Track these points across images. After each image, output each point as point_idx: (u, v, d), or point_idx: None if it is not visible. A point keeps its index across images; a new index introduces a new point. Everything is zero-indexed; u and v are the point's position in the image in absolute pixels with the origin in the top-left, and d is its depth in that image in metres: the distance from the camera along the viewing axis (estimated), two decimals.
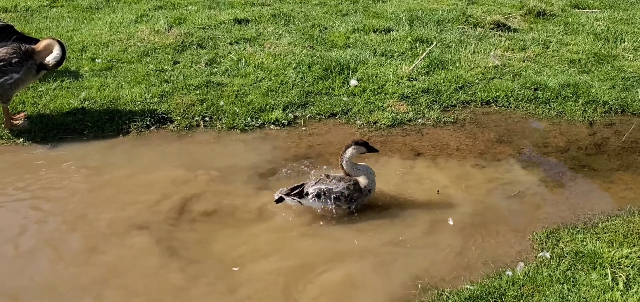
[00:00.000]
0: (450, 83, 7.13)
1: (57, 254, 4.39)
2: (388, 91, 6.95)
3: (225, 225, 4.76)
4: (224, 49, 8.09)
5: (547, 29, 9.23)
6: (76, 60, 7.65)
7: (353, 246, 4.54)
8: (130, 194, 5.10)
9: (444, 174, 5.51)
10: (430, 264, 4.38)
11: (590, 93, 6.97)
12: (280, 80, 7.17)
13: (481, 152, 5.90)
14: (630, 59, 8.06)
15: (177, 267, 4.29)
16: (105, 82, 7.04)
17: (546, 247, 4.48)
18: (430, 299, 4.03)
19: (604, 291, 3.92)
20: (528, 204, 5.12)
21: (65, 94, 6.72)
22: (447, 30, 8.97)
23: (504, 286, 4.03)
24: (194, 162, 5.60)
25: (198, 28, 8.77)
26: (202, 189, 5.18)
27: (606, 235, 4.54)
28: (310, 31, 8.80)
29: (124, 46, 8.11)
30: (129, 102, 6.55)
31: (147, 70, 7.35)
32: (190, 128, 6.23)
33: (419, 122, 6.43)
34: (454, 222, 4.83)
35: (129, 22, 9.08)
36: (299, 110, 6.59)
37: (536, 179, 5.46)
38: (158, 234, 4.60)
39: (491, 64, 7.73)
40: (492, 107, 6.80)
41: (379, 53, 8.01)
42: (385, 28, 8.94)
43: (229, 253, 4.45)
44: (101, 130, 6.12)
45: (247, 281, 4.19)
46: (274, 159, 5.67)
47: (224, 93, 6.83)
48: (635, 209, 4.96)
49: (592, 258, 4.23)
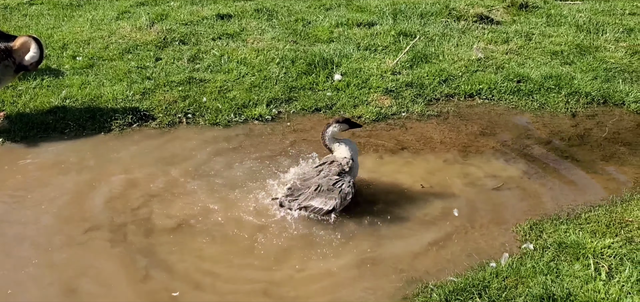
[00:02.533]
0: (433, 76, 7.13)
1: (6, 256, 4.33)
2: (372, 85, 6.93)
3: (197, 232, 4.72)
4: (207, 44, 8.03)
5: (529, 21, 9.27)
6: (57, 58, 7.55)
7: (335, 241, 4.53)
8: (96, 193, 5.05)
9: (427, 168, 5.51)
10: (414, 257, 4.38)
11: (573, 84, 7.01)
12: (263, 75, 7.13)
13: (465, 145, 5.91)
14: (611, 50, 8.12)
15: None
16: (87, 80, 6.96)
17: (530, 238, 4.49)
18: (414, 292, 4.02)
19: (587, 282, 3.94)
20: (511, 196, 5.13)
21: (45, 92, 6.63)
22: (430, 23, 8.98)
23: (488, 278, 4.04)
24: (171, 160, 5.55)
25: (180, 24, 8.69)
26: (172, 189, 5.13)
27: (589, 226, 4.56)
28: (294, 26, 8.76)
29: (105, 43, 8.02)
30: (111, 100, 6.48)
31: (128, 68, 7.27)
32: (173, 125, 6.18)
33: (403, 116, 6.43)
34: (437, 215, 4.84)
35: (111, 19, 8.99)
36: (282, 106, 6.55)
37: (519, 171, 5.48)
38: (118, 238, 4.53)
39: (474, 56, 7.74)
40: (476, 100, 6.82)
41: (362, 47, 8.00)
42: (369, 22, 8.92)
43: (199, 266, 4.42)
44: (82, 128, 6.04)
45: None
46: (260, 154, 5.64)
47: (206, 89, 6.78)
48: (617, 200, 4.99)
49: (575, 249, 4.25)
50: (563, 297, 3.79)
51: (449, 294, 3.93)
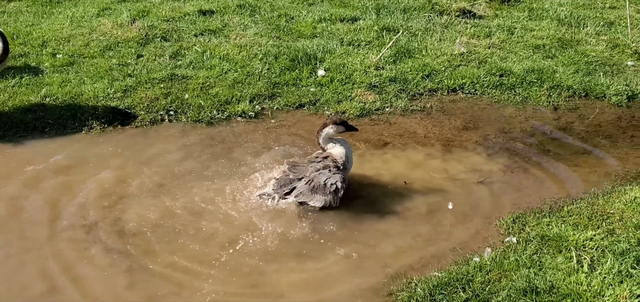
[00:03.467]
0: (417, 71, 7.14)
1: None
2: (356, 81, 6.92)
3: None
4: (189, 41, 7.96)
5: (512, 15, 9.31)
6: (36, 56, 7.44)
7: (320, 237, 4.51)
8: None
9: (411, 163, 5.52)
10: (398, 252, 4.38)
11: (555, 78, 7.05)
12: (246, 71, 7.09)
13: (448, 139, 5.93)
14: (592, 44, 8.19)
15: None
16: (67, 78, 6.86)
17: (513, 232, 4.52)
18: (399, 287, 4.03)
19: (570, 274, 3.96)
20: (494, 189, 5.16)
21: (24, 90, 6.53)
22: (413, 18, 8.98)
23: (472, 272, 4.06)
24: (153, 158, 5.50)
25: (162, 20, 8.60)
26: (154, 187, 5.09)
27: (571, 218, 4.60)
28: (277, 21, 8.72)
29: (85, 41, 7.91)
30: (92, 97, 6.40)
31: (110, 65, 7.19)
32: (155, 123, 6.12)
33: (387, 111, 6.43)
34: (421, 210, 4.85)
35: (91, 15, 8.87)
36: (266, 102, 6.52)
37: (502, 165, 5.51)
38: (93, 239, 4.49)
39: (457, 51, 7.76)
40: (459, 95, 6.84)
41: (346, 42, 7.98)
42: (352, 17, 8.90)
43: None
44: (63, 127, 5.96)
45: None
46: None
47: (189, 86, 6.72)
48: (599, 192, 5.04)
49: (558, 241, 4.28)
50: (546, 290, 3.82)
51: (433, 289, 3.93)
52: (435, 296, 3.90)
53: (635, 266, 3.94)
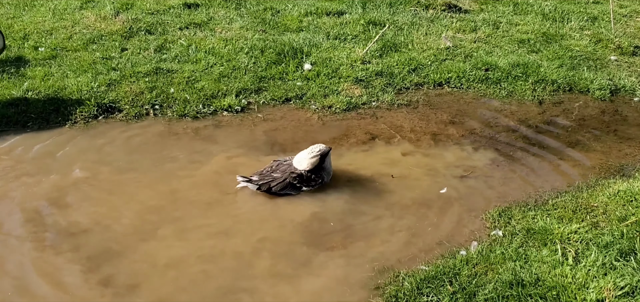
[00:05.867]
0: (403, 65, 7.15)
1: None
2: (342, 75, 6.91)
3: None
4: (174, 34, 7.90)
5: (497, 9, 9.35)
6: (18, 49, 7.33)
7: (306, 232, 4.50)
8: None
9: (397, 157, 5.52)
10: (385, 246, 4.39)
11: (540, 72, 7.10)
12: (232, 65, 7.04)
13: (434, 133, 5.94)
14: (576, 38, 8.25)
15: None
16: (50, 71, 6.77)
17: (499, 225, 4.54)
18: (386, 281, 4.03)
19: (555, 267, 3.99)
20: (480, 183, 5.18)
21: (6, 84, 6.43)
22: (399, 12, 8.98)
23: (458, 265, 4.07)
24: (138, 152, 5.45)
25: (146, 13, 8.52)
26: (139, 181, 5.05)
27: (556, 211, 4.63)
28: (263, 15, 8.67)
29: (68, 34, 7.82)
30: (75, 91, 6.32)
31: (93, 59, 7.11)
32: (140, 117, 6.06)
33: (374, 106, 6.43)
34: (408, 205, 4.85)
35: (74, 8, 8.76)
36: (252, 96, 6.49)
37: (488, 159, 5.54)
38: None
39: (443, 45, 7.78)
40: (445, 89, 6.86)
41: (332, 36, 7.96)
42: (338, 11, 8.89)
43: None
44: (46, 121, 5.88)
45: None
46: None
47: (174, 80, 6.67)
48: (583, 185, 5.08)
49: (543, 235, 4.32)
50: (532, 282, 3.84)
51: (420, 283, 3.94)
52: (422, 289, 3.91)
53: (619, 258, 3.99)
